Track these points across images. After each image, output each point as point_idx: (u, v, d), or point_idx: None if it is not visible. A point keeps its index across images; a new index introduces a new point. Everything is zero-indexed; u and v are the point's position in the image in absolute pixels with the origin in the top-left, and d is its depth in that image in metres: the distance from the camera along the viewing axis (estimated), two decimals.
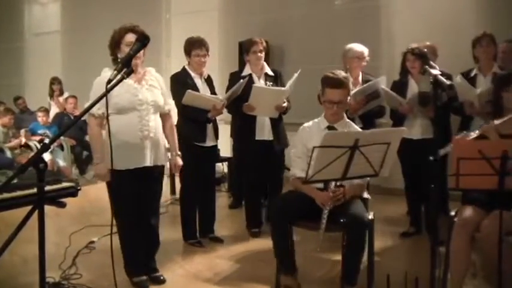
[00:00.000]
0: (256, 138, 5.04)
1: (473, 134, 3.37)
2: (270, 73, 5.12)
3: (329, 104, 3.56)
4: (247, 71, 5.12)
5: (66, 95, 9.45)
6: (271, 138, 5.03)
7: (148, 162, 3.70)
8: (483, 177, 2.89)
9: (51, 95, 9.55)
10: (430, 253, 2.80)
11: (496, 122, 3.45)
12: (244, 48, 5.13)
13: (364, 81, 4.98)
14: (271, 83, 5.06)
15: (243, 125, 5.11)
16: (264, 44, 5.09)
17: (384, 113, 5.13)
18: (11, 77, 11.53)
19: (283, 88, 4.96)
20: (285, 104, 4.92)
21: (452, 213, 3.48)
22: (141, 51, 3.45)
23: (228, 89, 5.02)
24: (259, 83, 5.03)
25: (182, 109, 4.71)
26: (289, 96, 5.03)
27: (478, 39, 4.70)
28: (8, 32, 11.66)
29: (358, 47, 5.07)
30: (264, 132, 5.06)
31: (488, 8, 6.29)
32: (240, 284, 3.96)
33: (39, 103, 9.46)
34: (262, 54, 5.05)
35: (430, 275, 2.85)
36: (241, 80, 4.94)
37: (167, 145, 4.03)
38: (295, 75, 4.87)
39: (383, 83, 4.86)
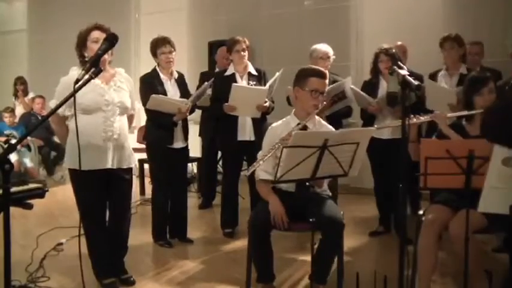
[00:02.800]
0: (238, 138, 5.02)
1: (424, 118, 3.52)
2: (254, 72, 5.09)
3: (315, 94, 3.49)
4: (230, 70, 5.10)
5: (31, 95, 9.31)
6: (253, 138, 5.00)
7: (110, 164, 3.65)
8: (450, 177, 2.94)
9: (16, 95, 9.39)
10: (398, 252, 2.82)
11: (449, 114, 3.55)
12: (228, 47, 5.08)
13: (331, 81, 4.98)
14: (254, 83, 5.02)
15: (225, 125, 5.08)
16: (247, 43, 5.04)
17: (351, 113, 5.17)
18: None
19: (262, 87, 4.94)
20: (266, 104, 4.90)
21: (421, 212, 3.53)
22: (110, 51, 3.43)
23: (197, 89, 5.00)
24: (242, 82, 5.01)
25: (148, 113, 4.69)
26: (273, 96, 5.02)
27: (442, 41, 4.79)
28: None
29: (322, 47, 5.08)
30: (245, 132, 5.03)
31: (456, 8, 6.39)
32: (210, 285, 3.95)
33: (4, 103, 9.28)
34: (245, 53, 5.01)
35: (398, 273, 2.87)
36: (206, 83, 4.94)
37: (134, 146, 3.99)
38: (277, 74, 4.87)
39: (349, 84, 4.89)
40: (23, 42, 10.86)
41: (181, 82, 4.87)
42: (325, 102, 3.73)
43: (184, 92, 4.84)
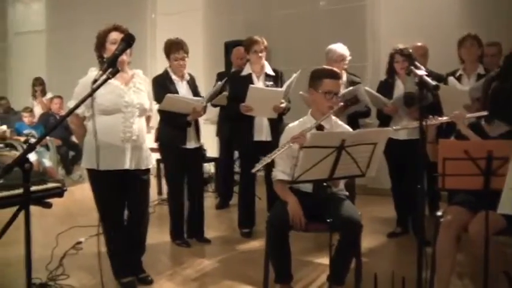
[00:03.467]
0: (255, 139, 5.03)
1: (442, 119, 3.48)
2: (271, 73, 5.09)
3: (329, 95, 3.51)
4: (247, 70, 5.10)
5: (49, 95, 9.39)
6: (269, 139, 4.99)
7: (128, 165, 3.67)
8: (469, 178, 2.91)
9: (34, 95, 9.49)
10: (416, 253, 2.81)
11: (468, 115, 3.51)
12: (246, 47, 5.08)
13: (349, 82, 4.98)
14: (271, 83, 5.02)
15: (242, 126, 5.08)
16: (265, 43, 5.04)
17: (369, 113, 5.14)
18: None
19: (279, 89, 4.94)
20: (283, 105, 4.90)
21: (439, 213, 3.50)
22: (128, 52, 3.47)
23: (222, 87, 5.00)
24: (259, 83, 5.01)
25: (161, 113, 4.71)
26: (290, 96, 5.02)
27: (462, 40, 4.74)
28: None
29: (338, 48, 5.01)
30: (262, 132, 5.04)
31: (474, 8, 6.33)
32: (227, 284, 3.96)
33: (23, 103, 9.38)
34: (263, 54, 5.01)
35: (417, 275, 2.86)
36: (219, 82, 4.94)
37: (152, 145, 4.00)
38: (294, 75, 4.86)
39: (362, 90, 4.83)
40: (41, 43, 10.95)
41: (192, 84, 4.89)
42: (341, 103, 3.71)
43: (196, 94, 4.85)
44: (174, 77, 4.77)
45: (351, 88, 4.80)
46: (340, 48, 5.03)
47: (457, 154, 2.88)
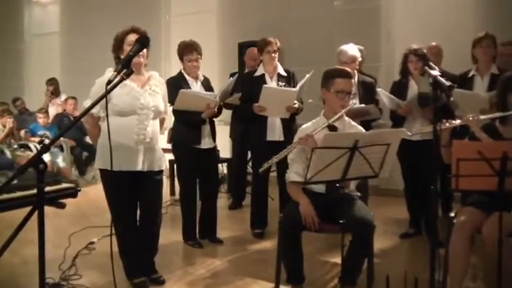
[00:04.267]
0: (267, 139, 5.02)
1: (456, 122, 3.44)
2: (283, 73, 5.09)
3: (341, 95, 3.51)
4: (260, 71, 5.11)
5: (63, 96, 9.48)
6: (282, 139, 4.98)
7: (140, 167, 3.69)
8: (483, 178, 2.89)
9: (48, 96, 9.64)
10: (429, 255, 2.79)
11: (482, 117, 3.48)
12: (259, 48, 5.08)
13: (360, 82, 4.94)
14: (283, 83, 5.02)
15: (254, 126, 5.09)
16: (279, 44, 5.04)
17: (380, 117, 5.10)
18: (11, 78, 11.53)
19: (292, 89, 4.94)
20: (296, 105, 4.90)
21: (452, 214, 3.48)
22: (145, 54, 3.48)
23: (233, 89, 5.01)
24: (272, 83, 5.01)
25: (176, 113, 4.73)
26: (303, 97, 5.01)
27: (478, 39, 4.68)
28: (8, 33, 11.66)
29: (348, 50, 4.93)
30: (275, 133, 5.03)
31: (488, 8, 6.28)
32: (239, 285, 3.96)
33: (39, 104, 9.47)
34: (276, 55, 5.02)
35: (429, 276, 2.84)
36: (231, 78, 4.94)
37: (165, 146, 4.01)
38: (307, 76, 4.86)
39: (374, 109, 4.80)
40: (56, 45, 11.05)
41: (207, 85, 4.89)
42: (354, 101, 3.70)
43: None
44: (188, 78, 4.79)
45: (362, 108, 4.74)
46: (351, 49, 4.95)
47: (471, 155, 2.86)
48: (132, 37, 3.57)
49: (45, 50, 11.18)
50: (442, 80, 2.88)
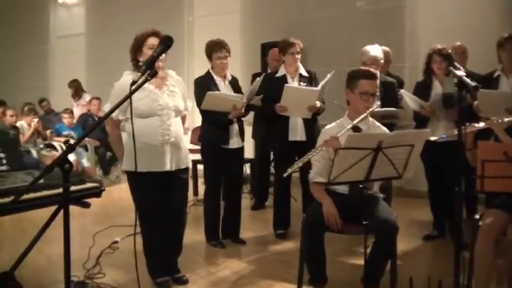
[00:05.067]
0: (290, 139, 5.01)
1: (479, 126, 3.38)
2: (305, 74, 5.08)
3: (365, 96, 3.49)
4: (281, 71, 5.10)
5: (87, 96, 9.61)
6: (304, 139, 4.98)
7: (168, 166, 3.71)
8: (509, 180, 2.85)
9: (73, 97, 9.80)
10: (453, 257, 2.76)
11: (506, 119, 3.42)
12: (282, 49, 5.07)
13: (382, 82, 4.90)
14: (305, 84, 5.01)
15: (276, 126, 5.07)
16: (301, 45, 5.03)
17: (410, 122, 5.06)
18: (37, 79, 11.70)
19: (314, 88, 4.93)
20: (318, 105, 4.89)
21: (477, 216, 3.44)
22: (164, 58, 3.50)
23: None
24: (293, 84, 5.00)
25: (203, 113, 4.75)
26: (324, 97, 5.00)
27: (502, 41, 4.63)
28: (34, 35, 11.82)
29: (371, 51, 4.90)
30: (296, 133, 5.02)
31: None
32: (261, 285, 3.96)
33: (64, 105, 9.59)
34: (299, 56, 5.02)
35: (454, 280, 2.81)
36: (258, 78, 4.95)
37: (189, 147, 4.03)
38: (329, 76, 4.84)
39: (403, 114, 4.77)
40: (81, 46, 11.18)
41: (235, 84, 4.91)
42: (378, 102, 3.67)
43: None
44: (216, 77, 4.81)
45: (392, 111, 4.71)
46: (373, 50, 4.92)
47: (497, 156, 2.83)
48: (153, 40, 3.61)
49: (71, 52, 11.30)
50: (467, 80, 2.85)
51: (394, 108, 4.70)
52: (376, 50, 4.93)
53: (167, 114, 3.68)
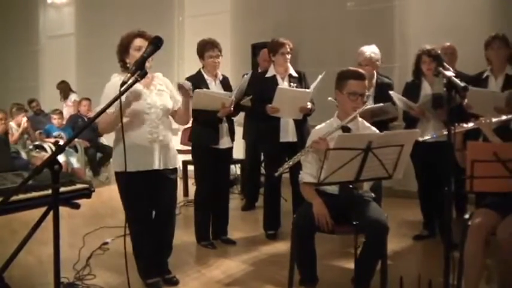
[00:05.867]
0: (281, 139, 5.01)
1: (468, 126, 3.41)
2: (294, 74, 5.09)
3: (353, 96, 3.49)
4: (271, 72, 5.11)
5: (73, 97, 9.61)
6: (295, 139, 4.98)
7: (157, 165, 3.71)
8: (498, 180, 2.87)
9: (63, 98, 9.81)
10: (443, 257, 2.77)
11: (494, 119, 3.44)
12: (271, 49, 5.07)
13: (378, 83, 4.93)
14: (295, 84, 5.02)
15: (267, 127, 5.07)
16: (291, 45, 5.04)
17: (397, 117, 5.08)
18: (26, 79, 11.64)
19: (307, 89, 4.94)
20: (309, 106, 4.90)
21: (466, 216, 3.45)
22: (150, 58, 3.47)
23: (246, 90, 5.02)
24: (283, 84, 5.01)
25: (193, 112, 4.73)
26: (314, 98, 5.00)
27: (489, 41, 4.65)
28: (23, 35, 11.76)
29: (366, 51, 4.93)
30: (288, 133, 5.02)
31: (503, 9, 6.23)
32: (252, 286, 3.96)
33: (54, 105, 9.54)
34: (289, 56, 5.02)
35: (443, 279, 2.82)
36: (245, 76, 4.95)
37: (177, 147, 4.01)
38: (320, 77, 4.84)
39: (391, 108, 4.78)
40: (71, 46, 11.13)
41: (225, 83, 4.91)
42: (369, 103, 3.68)
43: None
44: (207, 76, 4.81)
45: (379, 107, 4.72)
46: (369, 51, 4.95)
47: (486, 156, 2.84)
48: (139, 41, 3.62)
49: (60, 52, 11.25)
50: (457, 80, 2.86)
51: (381, 104, 4.71)
52: (371, 51, 4.95)
53: (155, 112, 3.68)
